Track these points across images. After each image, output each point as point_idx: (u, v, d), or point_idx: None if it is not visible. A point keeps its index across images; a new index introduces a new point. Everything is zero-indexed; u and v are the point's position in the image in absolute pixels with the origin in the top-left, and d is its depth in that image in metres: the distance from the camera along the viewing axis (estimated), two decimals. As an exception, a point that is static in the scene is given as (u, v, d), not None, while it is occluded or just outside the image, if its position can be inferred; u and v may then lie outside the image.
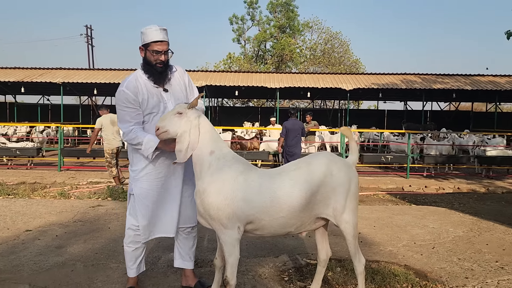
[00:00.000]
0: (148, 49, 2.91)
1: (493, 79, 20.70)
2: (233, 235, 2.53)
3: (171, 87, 3.02)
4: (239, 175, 2.56)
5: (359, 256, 2.82)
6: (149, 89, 2.93)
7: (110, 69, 21.38)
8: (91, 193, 7.47)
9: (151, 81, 2.94)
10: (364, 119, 24.24)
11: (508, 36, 7.88)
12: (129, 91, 2.89)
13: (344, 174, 2.72)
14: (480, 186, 9.26)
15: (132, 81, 2.93)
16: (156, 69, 2.92)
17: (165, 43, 2.92)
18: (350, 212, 2.72)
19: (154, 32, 2.88)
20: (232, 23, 38.60)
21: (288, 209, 2.56)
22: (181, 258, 3.18)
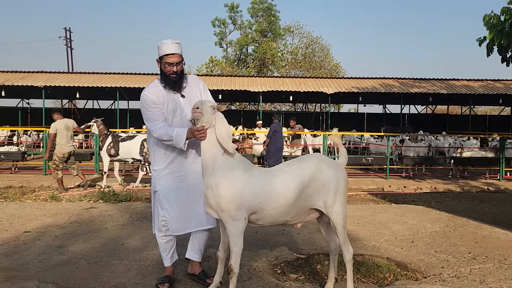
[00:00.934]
0: (162, 62, 3.24)
1: (467, 83, 21.53)
2: (239, 226, 2.86)
3: (188, 94, 3.33)
4: (245, 172, 2.91)
5: (348, 246, 3.12)
6: (167, 94, 3.25)
7: (93, 73, 21.31)
8: (82, 196, 7.58)
9: (168, 88, 3.25)
10: (344, 122, 24.78)
11: (480, 43, 8.34)
12: (151, 94, 3.21)
13: (333, 171, 3.06)
14: (455, 186, 9.75)
15: (152, 87, 3.27)
16: (170, 78, 3.23)
17: (177, 55, 3.22)
18: (339, 205, 3.04)
19: (167, 46, 3.19)
20: (214, 26, 38.83)
21: (285, 199, 2.92)
22: (193, 251, 3.47)
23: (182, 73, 3.29)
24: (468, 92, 19.57)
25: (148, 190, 8.42)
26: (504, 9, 7.50)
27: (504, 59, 8.33)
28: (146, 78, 20.77)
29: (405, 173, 11.76)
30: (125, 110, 24.37)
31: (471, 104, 22.15)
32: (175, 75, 3.23)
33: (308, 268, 3.85)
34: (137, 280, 3.45)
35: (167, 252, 3.42)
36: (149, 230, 5.07)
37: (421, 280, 3.61)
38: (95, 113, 26.51)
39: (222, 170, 2.90)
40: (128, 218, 5.68)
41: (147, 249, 4.31)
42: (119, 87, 19.11)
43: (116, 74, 21.38)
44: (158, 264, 3.85)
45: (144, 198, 7.33)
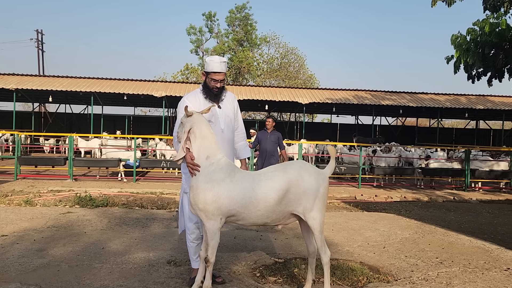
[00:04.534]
0: (208, 77, 3.53)
1: (435, 97, 22.43)
2: (215, 224, 3.06)
3: (224, 106, 3.64)
4: (226, 177, 3.07)
5: (325, 249, 3.30)
6: (204, 103, 3.54)
7: (66, 77, 20.95)
8: (57, 200, 7.50)
9: (208, 98, 3.56)
10: (318, 131, 25.28)
11: (447, 61, 8.82)
12: (188, 101, 3.51)
13: (314, 179, 3.21)
14: (423, 195, 10.16)
15: (192, 94, 3.60)
16: (213, 92, 3.56)
17: (223, 74, 3.54)
18: (317, 211, 3.21)
19: (216, 64, 3.49)
20: (189, 34, 38.85)
21: (264, 205, 3.08)
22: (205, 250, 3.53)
23: (222, 88, 3.61)
24: (436, 106, 20.38)
25: (123, 195, 8.40)
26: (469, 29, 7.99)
27: (470, 77, 8.85)
28: (122, 83, 20.60)
29: (376, 182, 12.15)
30: (99, 115, 24.02)
31: (439, 117, 23.05)
32: (217, 90, 3.54)
33: (286, 271, 4.00)
34: (120, 283, 3.50)
35: (195, 254, 3.59)
36: (129, 234, 5.12)
37: (392, 282, 3.83)
38: (67, 117, 26.00)
39: (204, 174, 3.08)
40: (106, 223, 5.69)
41: (128, 253, 4.36)
42: (93, 92, 18.88)
43: (91, 78, 21.11)
44: (140, 267, 3.92)
45: (121, 204, 7.32)
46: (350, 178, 12.89)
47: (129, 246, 4.59)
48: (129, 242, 4.77)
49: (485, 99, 22.48)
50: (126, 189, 8.93)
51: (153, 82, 22.20)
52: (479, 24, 7.77)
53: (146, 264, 3.99)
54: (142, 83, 21.27)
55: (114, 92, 18.86)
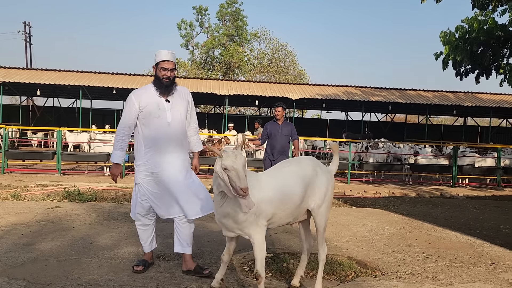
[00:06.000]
0: (157, 67, 3.62)
1: (423, 93, 22.63)
2: (263, 234, 3.03)
3: (174, 100, 3.67)
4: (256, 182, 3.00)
5: (324, 246, 3.37)
6: (152, 97, 3.60)
7: (54, 70, 20.68)
8: (45, 195, 7.42)
9: (157, 92, 3.62)
10: (308, 127, 25.34)
11: (436, 57, 8.90)
12: (133, 96, 3.60)
13: (325, 176, 3.33)
14: (411, 191, 10.28)
15: (142, 88, 3.70)
16: (163, 83, 3.60)
17: (171, 63, 3.63)
18: (326, 208, 3.31)
19: (164, 53, 3.61)
20: (180, 28, 38.60)
21: (292, 202, 3.10)
22: (180, 245, 3.68)
23: (173, 80, 3.66)
24: (425, 102, 20.58)
25: (112, 190, 8.36)
26: (458, 26, 8.07)
27: (458, 74, 8.94)
28: (111, 77, 20.42)
29: (365, 178, 12.25)
30: (87, 109, 23.79)
31: (428, 113, 23.27)
32: (167, 80, 3.59)
33: (275, 266, 4.03)
34: (109, 277, 3.50)
35: (145, 240, 3.78)
36: (118, 229, 5.11)
37: (380, 277, 3.88)
38: (55, 111, 25.70)
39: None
40: (95, 218, 5.66)
41: (117, 247, 4.35)
42: (82, 86, 18.68)
43: (79, 72, 20.87)
44: (129, 261, 3.91)
45: (110, 198, 7.28)
46: (339, 174, 12.99)
47: (118, 241, 4.57)
48: (118, 236, 4.76)
49: (473, 96, 22.75)
50: (115, 184, 8.87)
51: (142, 76, 22.05)
52: (468, 21, 7.85)
53: (135, 259, 3.98)
54: (131, 77, 21.11)
55: (103, 86, 18.69)
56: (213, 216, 6.10)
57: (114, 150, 3.64)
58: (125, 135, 3.63)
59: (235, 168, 2.71)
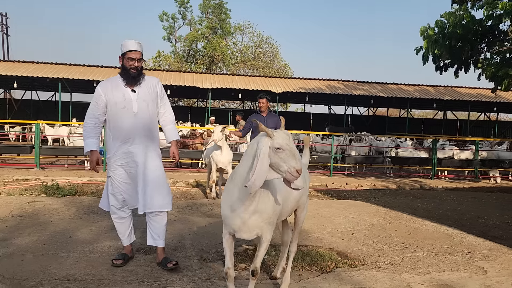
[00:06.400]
0: (124, 57, 3.56)
1: (404, 87, 22.92)
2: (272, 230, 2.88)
3: (140, 90, 3.61)
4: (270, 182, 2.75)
5: (296, 240, 3.40)
6: (118, 88, 3.56)
7: (32, 62, 20.16)
8: (22, 189, 7.26)
9: (124, 82, 3.57)
10: (291, 121, 25.41)
11: (416, 52, 9.00)
12: (99, 87, 3.57)
13: (306, 171, 3.36)
14: (392, 183, 10.41)
15: (109, 80, 3.70)
16: (130, 73, 3.55)
17: (139, 53, 3.57)
18: (307, 203, 3.38)
19: (130, 43, 3.55)
20: (162, 20, 38.13)
21: (293, 197, 3.06)
22: (152, 238, 3.66)
23: (141, 70, 3.61)
24: (406, 96, 20.84)
25: (93, 183, 8.24)
26: (438, 21, 8.17)
27: (437, 68, 9.08)
28: (91, 70, 20.05)
29: (347, 171, 12.36)
30: (67, 102, 23.33)
31: (409, 107, 23.58)
32: (135, 70, 3.54)
33: (256, 258, 4.02)
34: (88, 271, 3.45)
35: (123, 234, 3.76)
36: (98, 223, 5.03)
37: (360, 267, 3.93)
38: (34, 104, 25.13)
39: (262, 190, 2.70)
40: (74, 212, 5.57)
41: (96, 241, 4.29)
42: (61, 78, 18.29)
43: (58, 64, 20.41)
44: (108, 255, 3.86)
45: (90, 192, 7.17)
46: (322, 167, 13.07)
47: (97, 235, 4.51)
48: (98, 230, 4.69)
49: (452, 90, 23.14)
50: (95, 178, 8.74)
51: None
52: (447, 16, 7.96)
53: (115, 253, 3.93)
54: (112, 70, 20.75)
55: (83, 78, 18.35)
56: (194, 209, 6.12)
57: (86, 139, 3.55)
58: (94, 124, 3.57)
59: (290, 147, 2.43)
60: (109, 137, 3.62)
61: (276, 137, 2.44)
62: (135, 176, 3.57)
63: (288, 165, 2.40)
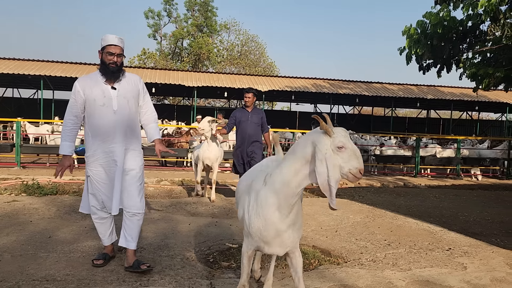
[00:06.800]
0: (104, 52, 3.42)
1: (389, 86, 23.17)
2: None
3: (121, 87, 3.47)
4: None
5: None
6: (97, 84, 3.42)
7: (13, 59, 19.77)
8: (2, 189, 7.10)
9: (103, 79, 3.43)
10: (278, 119, 25.44)
11: (400, 52, 9.09)
12: (78, 84, 3.43)
13: None
14: (376, 181, 10.51)
15: (86, 76, 3.52)
16: (110, 68, 3.40)
17: (119, 48, 3.43)
18: None
19: (110, 37, 3.41)
20: (147, 17, 37.78)
21: None
22: (124, 238, 3.53)
23: (121, 66, 3.47)
24: (390, 95, 21.07)
25: (75, 182, 8.11)
26: (419, 21, 8.27)
27: (421, 68, 9.18)
28: (74, 67, 19.75)
29: (332, 169, 12.42)
30: (50, 100, 22.94)
31: (393, 106, 23.84)
32: (114, 65, 3.40)
33: (240, 256, 4.00)
34: (67, 272, 3.38)
35: (103, 234, 3.69)
36: (79, 222, 4.96)
37: (342, 264, 3.95)
38: (15, 102, 24.64)
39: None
40: (55, 211, 5.47)
41: (76, 241, 4.21)
42: (43, 75, 17.97)
43: (40, 61, 20.06)
44: (88, 255, 3.80)
45: (72, 192, 7.06)
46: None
47: (78, 235, 4.44)
48: (78, 230, 4.62)
49: (436, 90, 23.48)
50: (78, 177, 8.61)
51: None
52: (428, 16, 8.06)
53: (96, 252, 3.87)
54: (95, 67, 20.45)
55: (66, 76, 18.06)
56: (178, 207, 6.08)
57: (62, 141, 3.45)
58: (72, 125, 3.46)
59: (352, 144, 2.17)
60: (88, 135, 3.48)
61: (337, 134, 2.16)
62: (113, 176, 3.44)
63: (350, 165, 2.14)
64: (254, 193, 2.49)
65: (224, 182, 8.97)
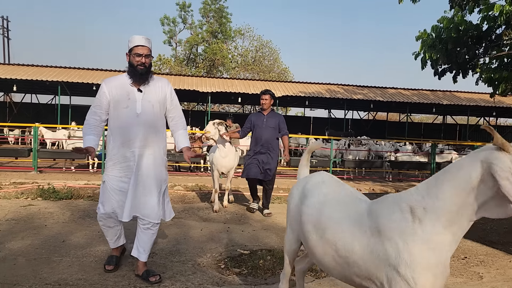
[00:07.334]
0: (131, 53, 3.33)
1: (403, 92, 22.93)
2: None
3: (147, 90, 3.38)
4: None
5: None
6: (123, 86, 3.34)
7: (32, 65, 20.21)
8: (18, 193, 7.24)
9: (130, 81, 3.35)
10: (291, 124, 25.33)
11: (415, 57, 8.99)
12: (104, 84, 3.37)
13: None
14: (391, 188, 10.37)
15: (113, 77, 3.45)
16: (138, 70, 3.31)
17: (146, 48, 3.34)
18: None
19: (137, 38, 3.34)
20: (163, 24, 38.22)
21: None
22: (137, 249, 3.46)
23: (149, 68, 3.38)
24: (405, 101, 20.84)
25: (90, 187, 8.21)
26: (434, 26, 8.18)
27: (436, 73, 9.06)
28: (91, 73, 20.08)
29: (346, 175, 12.33)
30: (67, 105, 23.35)
31: (408, 112, 23.56)
32: (142, 67, 3.31)
33: (251, 263, 4.00)
34: (79, 276, 3.42)
35: (110, 238, 3.63)
36: (92, 227, 5.00)
37: (355, 272, 3.89)
38: (33, 107, 25.16)
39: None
40: (69, 216, 5.54)
41: (89, 246, 4.26)
42: (61, 81, 18.31)
43: (58, 67, 20.45)
44: (101, 260, 3.83)
45: (86, 196, 7.15)
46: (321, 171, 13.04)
47: (91, 239, 4.48)
48: (92, 235, 4.66)
49: (452, 95, 23.15)
50: (93, 181, 8.71)
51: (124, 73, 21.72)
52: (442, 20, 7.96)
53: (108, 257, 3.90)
54: (112, 74, 20.78)
55: (83, 82, 18.37)
56: (191, 213, 6.09)
57: (85, 136, 3.30)
58: (95, 122, 3.34)
59: None
60: (109, 139, 3.39)
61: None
62: (132, 182, 3.29)
63: None
64: (397, 234, 1.88)
65: (237, 187, 8.97)
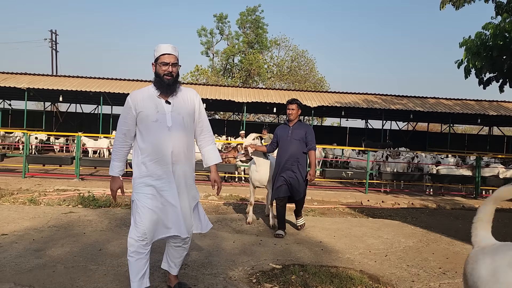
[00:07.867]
0: (158, 63, 3.14)
1: (445, 102, 22.14)
2: None
3: (176, 102, 3.17)
4: None
5: None
6: (150, 98, 3.13)
7: (77, 77, 21.17)
8: (61, 200, 7.52)
9: (157, 92, 3.15)
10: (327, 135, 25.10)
11: (458, 65, 8.65)
12: (129, 99, 3.16)
13: None
14: (431, 202, 9.97)
15: (138, 90, 3.22)
16: (165, 81, 3.10)
17: (173, 56, 3.14)
18: None
19: (163, 47, 3.14)
20: (200, 35, 39.04)
21: None
22: (167, 263, 3.45)
23: (177, 78, 3.18)
24: (447, 111, 20.11)
25: (128, 196, 8.40)
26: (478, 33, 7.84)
27: (481, 82, 8.66)
28: (131, 84, 20.75)
29: (383, 188, 11.99)
30: (108, 115, 24.21)
31: (450, 122, 22.71)
32: (169, 77, 3.11)
33: (283, 278, 3.92)
34: (114, 286, 3.47)
35: (136, 274, 3.09)
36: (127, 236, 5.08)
37: (392, 292, 3.74)
38: (78, 117, 26.27)
39: None
40: (107, 224, 5.68)
41: (124, 255, 4.29)
42: (103, 92, 19.04)
43: (101, 79, 21.30)
44: (135, 270, 3.87)
45: (124, 204, 7.32)
46: (357, 183, 12.74)
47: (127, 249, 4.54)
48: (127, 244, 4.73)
49: (498, 105, 22.11)
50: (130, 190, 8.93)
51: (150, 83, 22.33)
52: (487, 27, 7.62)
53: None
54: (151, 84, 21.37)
55: (123, 92, 19.01)
56: (224, 224, 6.09)
57: (112, 161, 3.21)
58: (121, 144, 3.18)
59: None
60: (137, 154, 3.14)
61: None
62: (163, 200, 3.09)
63: None
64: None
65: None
